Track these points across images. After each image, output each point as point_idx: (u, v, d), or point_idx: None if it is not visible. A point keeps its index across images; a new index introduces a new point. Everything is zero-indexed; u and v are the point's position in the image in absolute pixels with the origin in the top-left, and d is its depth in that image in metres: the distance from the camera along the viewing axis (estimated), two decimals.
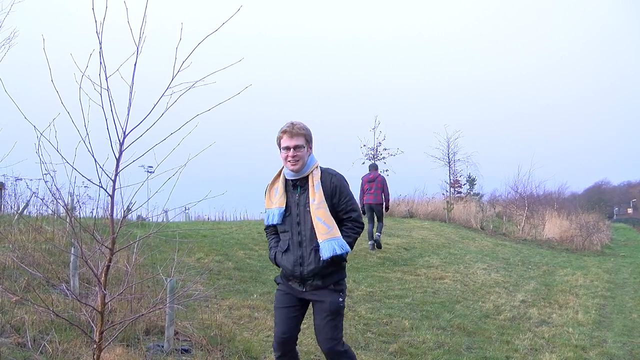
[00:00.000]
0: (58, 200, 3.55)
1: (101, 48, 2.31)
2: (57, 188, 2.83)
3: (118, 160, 2.44)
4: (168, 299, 3.88)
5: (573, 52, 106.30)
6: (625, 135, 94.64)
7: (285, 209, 3.15)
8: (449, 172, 25.19)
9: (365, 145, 20.30)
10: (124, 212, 3.35)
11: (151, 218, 5.81)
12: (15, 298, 3.76)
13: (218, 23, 2.39)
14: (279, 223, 3.17)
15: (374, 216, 10.57)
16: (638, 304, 8.44)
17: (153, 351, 3.98)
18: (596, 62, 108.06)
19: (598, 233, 18.66)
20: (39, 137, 2.35)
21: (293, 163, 3.09)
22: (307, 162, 3.14)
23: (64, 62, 2.37)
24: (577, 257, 14.51)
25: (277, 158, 3.21)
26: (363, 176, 10.80)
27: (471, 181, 27.19)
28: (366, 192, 10.53)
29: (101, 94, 2.34)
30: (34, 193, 7.76)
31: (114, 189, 2.48)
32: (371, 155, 20.10)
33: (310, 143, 3.18)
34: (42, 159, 2.43)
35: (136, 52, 2.34)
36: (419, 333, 5.52)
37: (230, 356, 4.22)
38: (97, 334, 2.52)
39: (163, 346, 4.09)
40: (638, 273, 11.88)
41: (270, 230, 3.37)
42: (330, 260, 3.02)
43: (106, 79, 2.34)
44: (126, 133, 2.42)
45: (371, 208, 10.52)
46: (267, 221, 3.24)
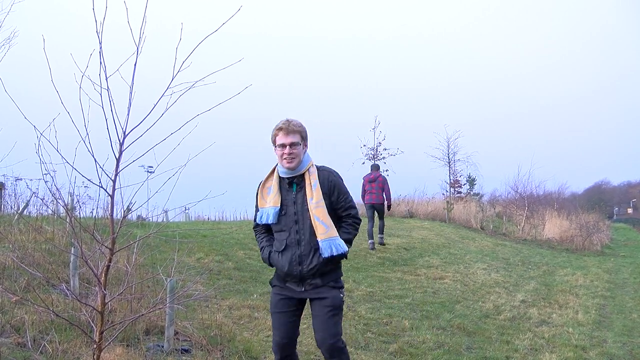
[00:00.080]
0: (58, 200, 3.54)
1: (101, 48, 2.31)
2: (57, 188, 2.83)
3: (118, 160, 2.44)
4: (168, 299, 3.88)
5: (573, 52, 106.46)
6: (625, 135, 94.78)
7: (280, 208, 3.11)
8: (449, 172, 25.19)
9: (365, 145, 20.32)
10: (124, 212, 3.36)
11: (151, 218, 5.82)
12: (15, 298, 3.76)
13: (218, 23, 2.40)
14: (274, 222, 3.12)
15: (375, 215, 10.80)
16: (638, 304, 8.44)
17: (153, 351, 3.98)
18: (596, 62, 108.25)
19: (598, 233, 18.65)
20: (39, 137, 2.35)
21: (289, 161, 3.05)
22: (303, 160, 3.10)
23: (64, 62, 2.37)
24: (577, 257, 14.51)
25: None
26: (364, 176, 10.99)
27: (471, 181, 27.17)
28: (367, 192, 10.75)
29: (101, 94, 2.34)
30: (34, 193, 7.77)
31: (114, 189, 2.48)
32: (371, 155, 20.08)
33: (305, 140, 3.14)
34: (42, 159, 2.44)
35: (136, 52, 2.34)
36: (419, 333, 5.52)
37: (230, 356, 4.22)
38: (97, 334, 2.52)
39: (163, 346, 4.09)
40: (638, 273, 11.88)
41: (259, 229, 3.32)
42: (330, 258, 3.01)
43: (106, 79, 2.34)
44: (126, 133, 2.42)
45: (373, 207, 10.73)
46: (260, 220, 3.18)
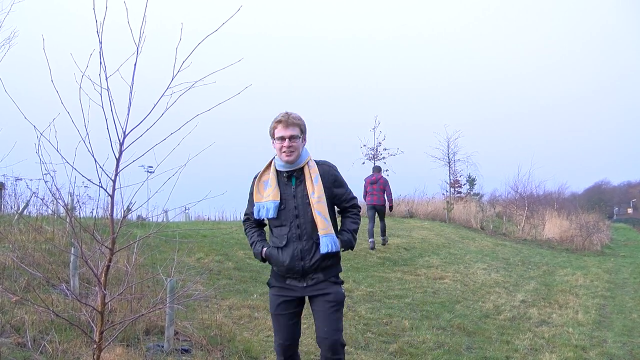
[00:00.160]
0: (58, 200, 3.54)
1: (101, 48, 2.31)
2: (57, 188, 2.82)
3: (118, 160, 2.44)
4: (168, 299, 3.88)
5: (573, 52, 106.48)
6: (625, 135, 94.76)
7: (279, 202, 3.04)
8: (449, 172, 25.19)
9: (365, 145, 20.33)
10: (124, 212, 3.35)
11: (151, 218, 5.81)
12: (15, 298, 3.76)
13: (218, 23, 2.39)
14: (274, 217, 3.05)
15: (375, 216, 10.90)
16: (638, 304, 8.44)
17: (153, 351, 3.98)
18: (596, 62, 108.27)
19: (598, 233, 18.65)
20: (39, 137, 2.35)
21: (288, 154, 2.98)
22: (302, 154, 3.05)
23: (64, 62, 2.37)
24: (577, 257, 14.51)
25: None
26: (366, 177, 11.14)
27: (471, 181, 27.18)
28: (368, 193, 10.90)
29: (101, 94, 2.34)
30: (34, 193, 7.77)
31: (114, 189, 2.48)
32: (371, 155, 20.08)
33: (304, 134, 3.08)
34: (42, 159, 2.43)
35: (136, 52, 2.34)
36: (419, 333, 5.52)
37: (230, 356, 4.22)
38: (97, 334, 2.52)
39: (163, 346, 4.09)
40: (638, 273, 11.88)
41: (250, 223, 3.23)
42: (331, 252, 3.00)
43: (106, 79, 2.34)
44: (126, 133, 2.42)
45: (374, 208, 10.87)
46: (259, 215, 3.08)
